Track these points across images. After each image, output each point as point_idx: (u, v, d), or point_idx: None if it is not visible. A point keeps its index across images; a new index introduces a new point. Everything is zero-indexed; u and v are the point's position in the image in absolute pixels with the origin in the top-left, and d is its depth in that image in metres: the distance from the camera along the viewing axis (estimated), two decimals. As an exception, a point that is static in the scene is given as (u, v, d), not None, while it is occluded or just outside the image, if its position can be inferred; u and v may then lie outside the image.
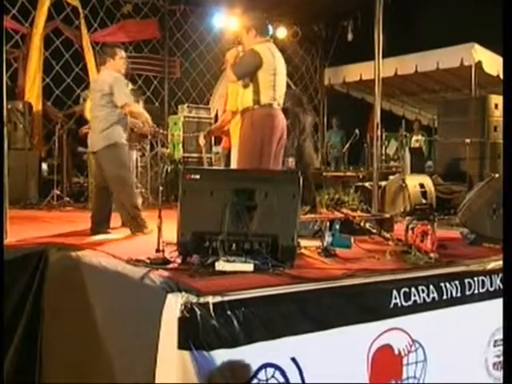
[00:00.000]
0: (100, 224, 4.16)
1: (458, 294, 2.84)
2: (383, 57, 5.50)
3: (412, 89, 10.39)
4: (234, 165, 4.49)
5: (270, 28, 4.31)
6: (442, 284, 2.80)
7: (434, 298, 2.75)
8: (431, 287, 2.75)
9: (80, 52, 8.05)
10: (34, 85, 7.44)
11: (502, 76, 6.86)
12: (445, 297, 2.80)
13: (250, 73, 3.98)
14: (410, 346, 2.66)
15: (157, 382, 2.21)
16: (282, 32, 9.84)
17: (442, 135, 7.62)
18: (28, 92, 7.42)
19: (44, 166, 7.47)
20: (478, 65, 8.08)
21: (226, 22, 9.15)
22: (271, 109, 4.00)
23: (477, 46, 8.07)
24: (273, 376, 2.24)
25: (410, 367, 2.66)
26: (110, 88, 4.13)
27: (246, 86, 4.05)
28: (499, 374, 2.94)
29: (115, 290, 2.72)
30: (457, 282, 2.86)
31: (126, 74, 4.86)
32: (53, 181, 6.67)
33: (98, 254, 3.12)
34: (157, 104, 8.98)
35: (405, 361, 2.65)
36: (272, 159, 4.01)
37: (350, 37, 9.70)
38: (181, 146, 7.81)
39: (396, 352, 2.63)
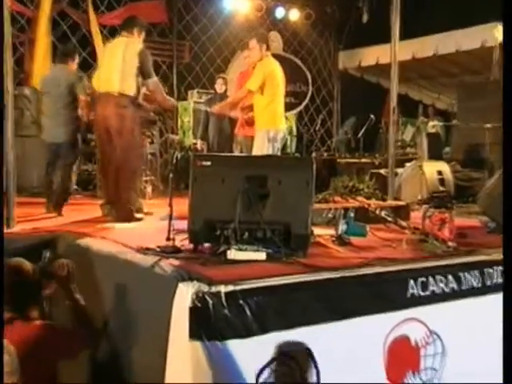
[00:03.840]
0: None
1: (479, 285, 2.77)
2: (400, 39, 5.34)
3: (430, 72, 10.11)
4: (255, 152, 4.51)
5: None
6: (461, 274, 2.74)
7: (452, 288, 2.69)
8: (450, 277, 2.69)
9: (87, 36, 7.92)
10: (42, 70, 7.33)
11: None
12: (464, 287, 2.73)
13: None
14: (428, 338, 2.60)
15: (168, 372, 2.18)
16: (294, 14, 9.65)
17: (462, 120, 7.44)
18: (36, 77, 7.31)
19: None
20: (501, 46, 7.83)
21: (236, 4, 8.98)
22: (100, 94, 4.19)
23: (500, 26, 7.78)
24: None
25: (427, 359, 2.60)
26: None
27: None
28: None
29: (125, 279, 2.68)
30: (477, 272, 2.79)
31: None
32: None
33: (108, 242, 3.09)
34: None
35: (422, 352, 2.59)
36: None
37: (365, 18, 9.42)
38: (191, 132, 7.69)
39: (413, 343, 2.57)
